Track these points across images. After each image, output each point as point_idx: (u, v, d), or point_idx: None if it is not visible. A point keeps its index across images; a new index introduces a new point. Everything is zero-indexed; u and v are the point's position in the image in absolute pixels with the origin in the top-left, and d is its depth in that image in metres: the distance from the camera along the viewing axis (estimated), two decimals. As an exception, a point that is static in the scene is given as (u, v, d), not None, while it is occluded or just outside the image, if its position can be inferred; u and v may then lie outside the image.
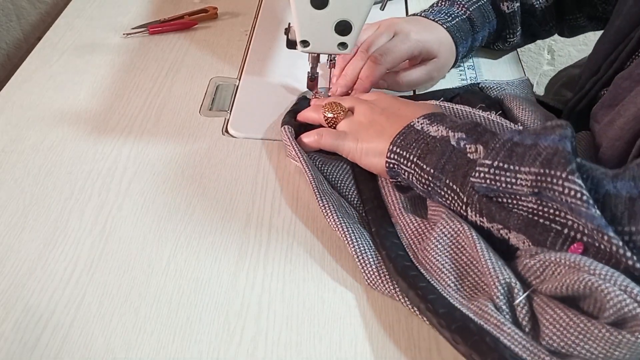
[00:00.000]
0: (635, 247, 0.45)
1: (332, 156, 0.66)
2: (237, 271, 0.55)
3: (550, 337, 0.46)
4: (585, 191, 0.45)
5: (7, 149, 0.67)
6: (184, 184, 0.64)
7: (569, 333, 0.45)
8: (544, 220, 0.49)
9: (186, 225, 0.59)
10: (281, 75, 0.81)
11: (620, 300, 0.42)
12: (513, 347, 0.46)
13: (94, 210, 0.60)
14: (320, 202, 0.59)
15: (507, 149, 0.51)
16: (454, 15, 0.78)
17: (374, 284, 0.53)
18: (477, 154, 0.53)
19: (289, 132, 0.67)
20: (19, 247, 0.57)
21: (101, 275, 0.54)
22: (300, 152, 0.64)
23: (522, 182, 0.48)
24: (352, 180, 0.64)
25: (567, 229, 0.48)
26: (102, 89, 0.77)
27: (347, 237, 0.56)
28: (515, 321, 0.48)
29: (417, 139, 0.58)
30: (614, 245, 0.44)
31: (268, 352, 0.49)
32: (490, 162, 0.51)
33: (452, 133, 0.56)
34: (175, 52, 0.85)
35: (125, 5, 0.95)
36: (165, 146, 0.69)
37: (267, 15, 0.95)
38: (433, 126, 0.58)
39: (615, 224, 0.45)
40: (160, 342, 0.49)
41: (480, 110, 0.65)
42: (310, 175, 0.62)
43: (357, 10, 0.64)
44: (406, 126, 0.59)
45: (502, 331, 0.46)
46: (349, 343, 0.50)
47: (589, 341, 0.44)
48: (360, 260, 0.54)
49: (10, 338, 0.49)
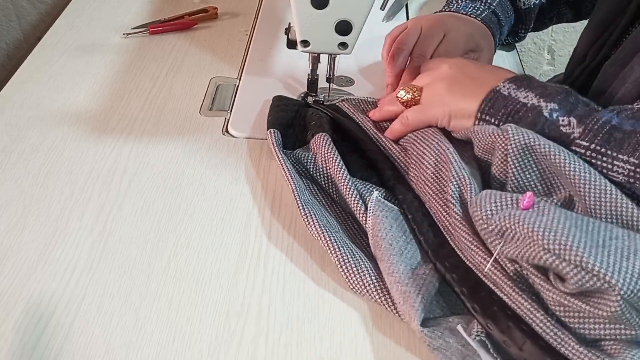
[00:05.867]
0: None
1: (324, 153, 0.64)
2: (237, 271, 0.55)
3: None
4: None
5: (7, 149, 0.67)
6: (184, 184, 0.64)
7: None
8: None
9: (186, 225, 0.59)
10: (281, 75, 0.81)
11: (579, 279, 0.43)
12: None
13: (94, 211, 0.60)
14: (302, 211, 0.58)
15: (605, 132, 0.50)
16: (481, 9, 0.77)
17: (359, 291, 0.53)
18: (571, 127, 0.53)
19: (274, 137, 0.66)
20: (19, 247, 0.57)
21: (101, 276, 0.54)
22: (283, 160, 0.63)
23: (618, 169, 0.49)
24: (347, 178, 0.61)
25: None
26: (102, 89, 0.77)
27: (329, 246, 0.55)
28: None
29: (506, 104, 0.56)
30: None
31: (268, 352, 0.49)
32: (588, 144, 0.51)
33: (545, 103, 0.54)
34: (175, 52, 0.85)
35: (125, 5, 0.95)
36: (165, 146, 0.69)
37: (267, 15, 0.94)
38: (521, 91, 0.56)
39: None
40: (160, 342, 0.49)
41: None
42: (292, 184, 0.61)
43: (358, 10, 0.64)
44: (492, 90, 0.57)
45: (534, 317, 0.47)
46: (349, 343, 0.50)
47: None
48: (344, 268, 0.54)
49: (10, 338, 0.49)
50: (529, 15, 0.81)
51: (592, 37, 0.68)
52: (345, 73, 0.81)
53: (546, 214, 0.47)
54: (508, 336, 0.47)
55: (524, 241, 0.47)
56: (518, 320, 0.47)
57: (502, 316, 0.48)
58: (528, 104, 0.55)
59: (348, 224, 0.60)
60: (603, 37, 0.66)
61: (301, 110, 0.72)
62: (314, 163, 0.63)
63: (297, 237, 0.59)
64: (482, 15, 0.75)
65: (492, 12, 0.77)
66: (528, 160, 0.53)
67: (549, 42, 1.49)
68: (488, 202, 0.51)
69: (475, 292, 0.50)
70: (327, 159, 0.62)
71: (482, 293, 0.50)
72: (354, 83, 0.80)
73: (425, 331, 0.48)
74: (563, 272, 0.44)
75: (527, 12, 0.81)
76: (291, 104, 0.73)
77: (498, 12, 0.78)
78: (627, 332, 0.44)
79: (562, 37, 1.47)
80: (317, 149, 0.64)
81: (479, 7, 0.77)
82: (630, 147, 0.49)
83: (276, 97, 0.74)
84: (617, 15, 0.65)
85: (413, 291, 0.50)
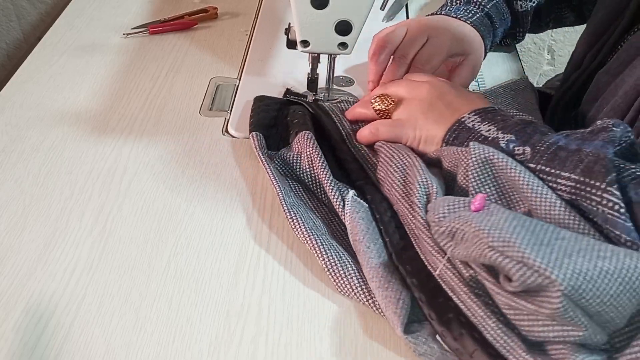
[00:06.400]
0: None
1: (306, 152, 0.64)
2: (237, 271, 0.55)
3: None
4: (623, 203, 0.46)
5: (7, 149, 0.67)
6: (184, 184, 0.64)
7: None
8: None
9: (186, 225, 0.59)
10: (281, 75, 0.81)
11: (521, 275, 0.43)
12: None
13: (94, 211, 0.60)
14: (287, 215, 0.58)
15: (550, 152, 0.51)
16: (473, 12, 0.77)
17: (347, 294, 0.53)
18: (525, 155, 0.54)
19: (257, 141, 0.66)
20: (19, 247, 0.57)
21: (101, 276, 0.54)
22: (267, 163, 0.63)
23: (562, 186, 0.50)
24: (330, 179, 0.61)
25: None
26: (102, 89, 0.77)
27: (316, 249, 0.55)
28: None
29: (469, 137, 0.58)
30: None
31: (268, 352, 0.49)
32: (535, 165, 0.52)
33: (502, 135, 0.56)
34: (175, 52, 0.85)
35: (125, 5, 0.95)
36: (165, 146, 0.69)
37: (267, 15, 0.94)
38: (484, 125, 0.58)
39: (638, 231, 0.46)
40: (160, 342, 0.49)
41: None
42: (277, 187, 0.60)
43: (357, 10, 0.64)
44: (457, 122, 0.60)
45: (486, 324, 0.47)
46: (350, 343, 0.50)
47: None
48: (331, 271, 0.54)
49: (10, 338, 0.49)
50: (525, 17, 0.81)
51: (590, 41, 0.68)
52: (345, 73, 0.82)
53: (495, 214, 0.48)
54: (460, 344, 0.47)
55: (472, 240, 0.47)
56: (471, 328, 0.48)
57: (456, 323, 0.48)
58: (489, 137, 0.57)
59: (334, 224, 0.60)
60: (600, 42, 0.66)
61: (283, 108, 0.72)
62: (299, 163, 0.63)
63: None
64: (473, 19, 0.76)
65: (485, 15, 0.78)
66: (487, 174, 0.54)
67: (549, 42, 1.50)
68: (441, 205, 0.52)
69: (433, 299, 0.50)
70: (312, 158, 0.62)
71: (439, 299, 0.50)
72: (354, 83, 0.80)
73: (409, 337, 0.49)
74: (507, 269, 0.44)
75: (524, 14, 0.81)
76: (272, 102, 0.73)
77: (492, 14, 0.78)
78: (575, 333, 0.44)
79: (562, 37, 1.48)
80: (302, 148, 0.64)
81: (471, 9, 0.77)
82: (572, 164, 0.49)
83: (257, 98, 0.73)
84: (615, 19, 0.65)
85: (394, 296, 0.50)
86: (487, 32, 0.77)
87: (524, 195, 0.51)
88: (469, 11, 0.77)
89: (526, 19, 0.81)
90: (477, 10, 0.77)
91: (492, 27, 0.78)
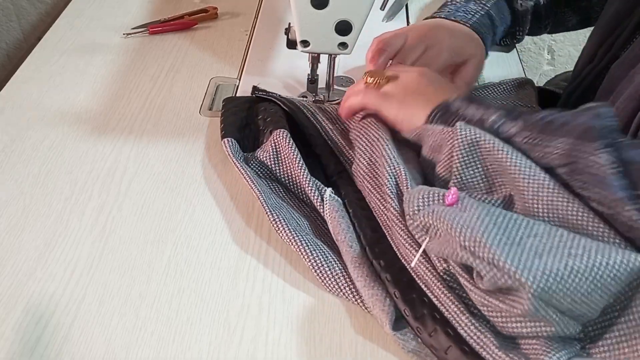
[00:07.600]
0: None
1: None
2: (237, 271, 0.55)
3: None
4: (614, 164, 0.46)
5: (7, 149, 0.67)
6: (184, 184, 0.64)
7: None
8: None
9: (186, 225, 0.59)
10: (281, 75, 0.81)
11: (492, 276, 0.44)
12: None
13: (94, 211, 0.60)
14: (270, 217, 0.58)
15: (543, 124, 0.52)
16: (473, 12, 0.77)
17: (335, 293, 0.53)
18: (513, 131, 0.54)
19: (229, 147, 0.65)
20: (19, 247, 0.57)
21: (101, 275, 0.54)
22: (243, 168, 0.62)
23: (557, 151, 0.50)
24: (306, 175, 0.61)
25: (592, 202, 0.49)
26: (102, 89, 0.77)
27: (301, 250, 0.55)
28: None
29: (455, 118, 0.58)
30: (634, 216, 0.45)
31: (268, 352, 0.49)
32: (528, 133, 0.52)
33: (488, 115, 0.56)
34: (175, 52, 0.85)
35: (125, 5, 0.95)
36: (165, 146, 0.69)
37: (267, 15, 0.95)
38: (470, 109, 0.58)
39: (632, 188, 0.46)
40: (160, 342, 0.49)
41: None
42: (256, 191, 0.60)
43: (357, 10, 0.64)
44: (443, 102, 0.59)
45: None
46: (350, 343, 0.50)
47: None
48: (318, 272, 0.54)
49: (10, 338, 0.49)
50: (525, 16, 0.81)
51: (602, 36, 0.68)
52: (345, 73, 0.82)
53: (467, 210, 0.48)
54: (435, 340, 0.47)
55: (445, 238, 0.48)
56: (444, 324, 0.48)
57: (430, 319, 0.48)
58: (474, 118, 0.57)
59: (318, 223, 0.60)
60: (612, 37, 0.66)
61: (253, 106, 0.71)
62: (277, 163, 0.63)
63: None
64: (473, 20, 0.76)
65: (486, 14, 0.78)
66: (473, 156, 0.54)
67: (549, 42, 1.49)
68: (417, 197, 0.52)
69: (407, 294, 0.50)
70: (289, 157, 0.62)
71: (413, 295, 0.50)
72: (353, 83, 0.80)
73: (398, 334, 0.49)
74: (478, 270, 0.45)
75: (524, 13, 0.81)
76: (241, 102, 0.72)
77: (493, 13, 0.78)
78: (547, 328, 0.44)
79: (562, 37, 1.47)
80: (279, 148, 0.63)
81: (471, 9, 0.77)
82: (564, 131, 0.50)
83: (225, 100, 0.73)
84: (627, 15, 0.65)
85: (380, 294, 0.51)
86: (487, 32, 0.77)
87: (510, 177, 0.51)
88: (468, 12, 0.77)
89: (526, 17, 0.81)
90: (478, 9, 0.77)
91: (492, 26, 0.78)
